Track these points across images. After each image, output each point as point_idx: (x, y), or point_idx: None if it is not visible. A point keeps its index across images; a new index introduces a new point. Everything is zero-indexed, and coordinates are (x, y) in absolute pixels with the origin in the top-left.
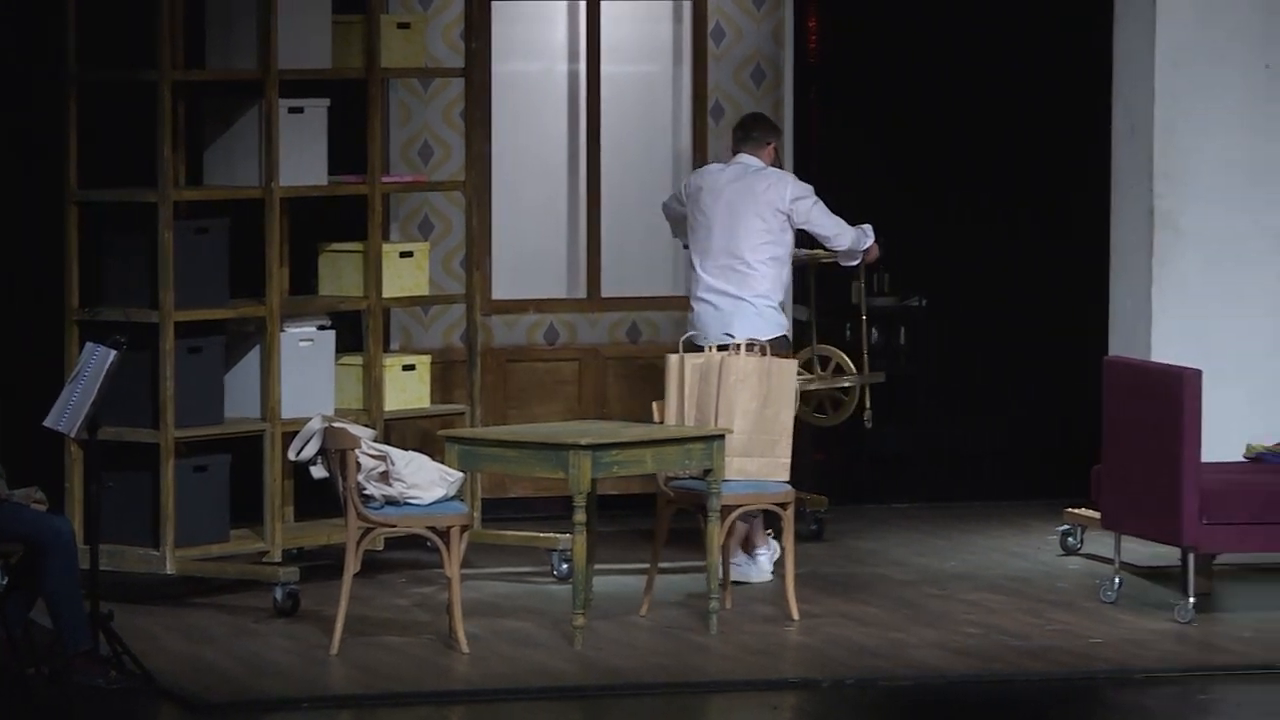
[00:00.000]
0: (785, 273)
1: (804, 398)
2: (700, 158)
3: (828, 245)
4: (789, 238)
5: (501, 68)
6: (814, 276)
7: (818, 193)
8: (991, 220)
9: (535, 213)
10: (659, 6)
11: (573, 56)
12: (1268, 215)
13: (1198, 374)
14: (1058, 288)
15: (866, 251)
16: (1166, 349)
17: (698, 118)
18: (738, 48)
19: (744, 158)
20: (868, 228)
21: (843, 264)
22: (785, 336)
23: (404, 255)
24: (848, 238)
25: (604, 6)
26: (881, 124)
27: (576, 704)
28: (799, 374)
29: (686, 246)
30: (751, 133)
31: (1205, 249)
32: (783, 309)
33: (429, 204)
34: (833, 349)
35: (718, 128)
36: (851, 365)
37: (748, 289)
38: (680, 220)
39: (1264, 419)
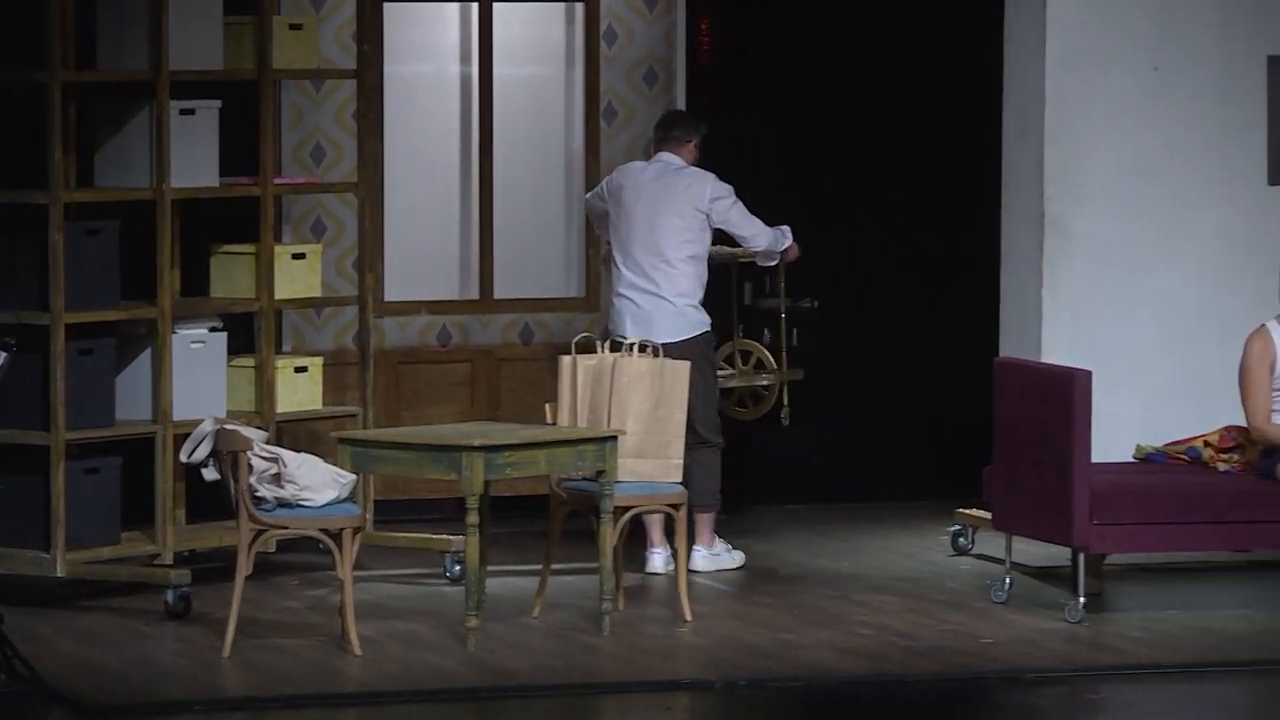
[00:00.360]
0: (704, 270)
1: (724, 393)
2: (593, 159)
3: (745, 245)
4: (708, 237)
5: (394, 69)
6: (735, 274)
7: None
8: (884, 222)
9: (428, 214)
10: (551, 8)
11: (465, 58)
12: (1156, 218)
13: (1088, 375)
14: (950, 289)
15: (785, 252)
16: (1057, 350)
17: (590, 119)
18: (630, 50)
19: (665, 156)
20: (786, 229)
21: (760, 264)
22: (708, 333)
23: (296, 257)
24: (765, 238)
25: (496, 8)
26: (773, 126)
27: (469, 706)
28: (720, 369)
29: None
30: (672, 131)
31: (1095, 251)
32: (703, 307)
33: (321, 206)
34: (754, 344)
35: (610, 129)
36: (772, 361)
37: (668, 287)
38: (602, 217)
39: (1153, 419)
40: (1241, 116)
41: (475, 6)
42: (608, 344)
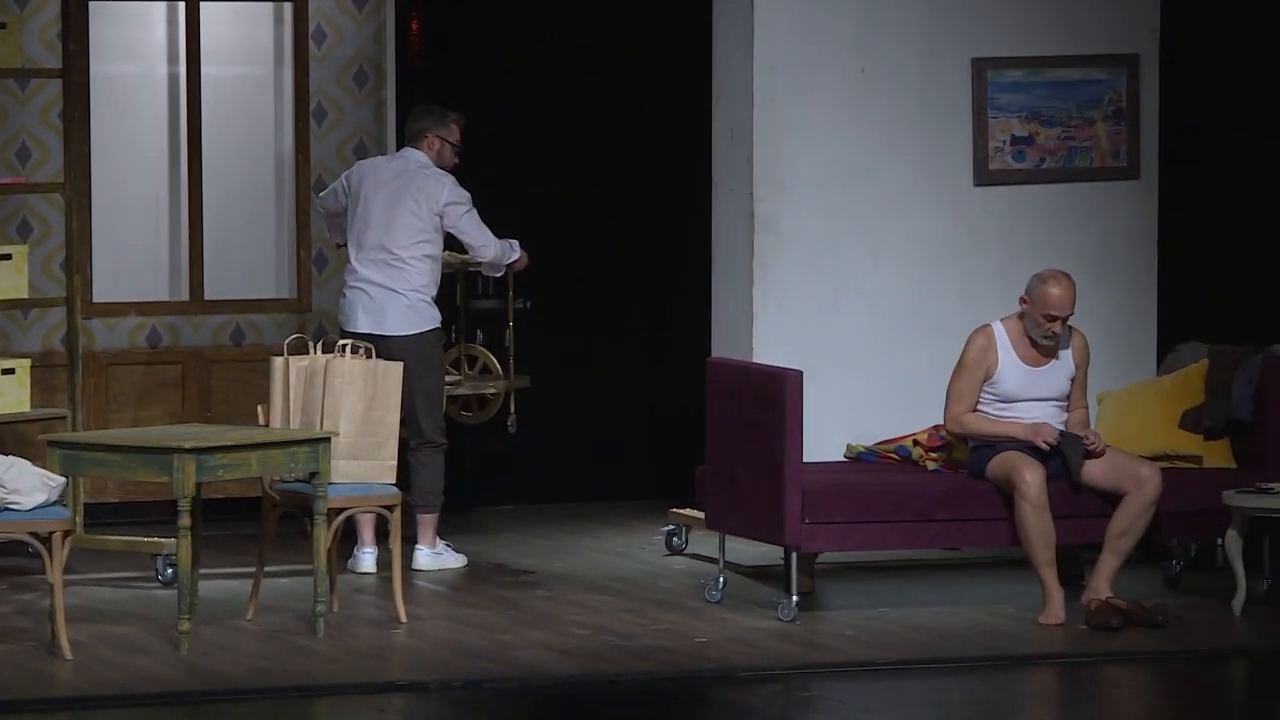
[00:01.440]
0: (438, 268)
1: (450, 399)
2: (303, 160)
3: (473, 254)
4: (442, 237)
5: (100, 69)
6: (462, 279)
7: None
8: (598, 222)
9: (137, 215)
10: (259, 8)
11: (172, 58)
12: (863, 218)
13: (799, 374)
14: (663, 289)
15: (513, 264)
16: (768, 350)
17: (300, 120)
18: (339, 50)
19: (408, 152)
20: (514, 242)
21: (486, 273)
22: (439, 330)
23: (2, 258)
24: (492, 250)
25: (203, 8)
26: (485, 126)
27: (182, 709)
28: (447, 373)
29: (340, 245)
30: (411, 126)
31: (805, 252)
32: (435, 303)
33: (27, 206)
34: (481, 350)
35: (320, 130)
36: (499, 367)
37: (401, 281)
38: (337, 214)
39: (863, 419)
40: (946, 119)
41: (182, 6)
42: (320, 344)
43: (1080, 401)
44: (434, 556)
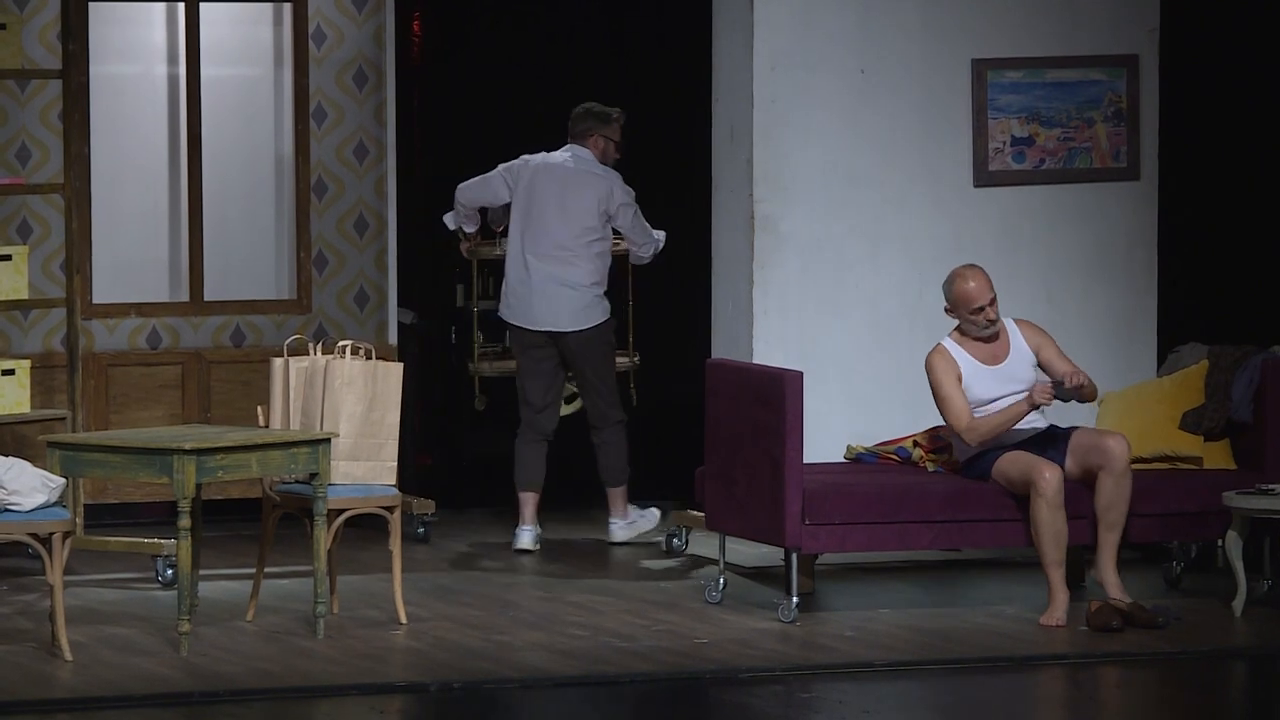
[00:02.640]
0: (608, 262)
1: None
2: (303, 161)
3: (635, 250)
4: (610, 232)
5: (100, 69)
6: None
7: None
8: None
9: (136, 216)
10: (259, 9)
11: (172, 59)
12: (864, 219)
13: (799, 376)
14: (663, 290)
15: (658, 252)
16: (768, 352)
17: (300, 120)
18: (339, 50)
19: (576, 149)
20: (662, 235)
21: (634, 262)
22: (610, 319)
23: (2, 259)
24: (650, 249)
25: (203, 8)
26: (485, 126)
27: (182, 711)
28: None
29: (466, 234)
30: (577, 126)
31: (804, 252)
32: (606, 297)
33: (27, 207)
34: None
35: (320, 130)
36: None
37: (576, 277)
38: (483, 206)
39: (863, 420)
40: (946, 119)
41: (182, 6)
42: (320, 345)
43: (1070, 366)
44: (628, 526)
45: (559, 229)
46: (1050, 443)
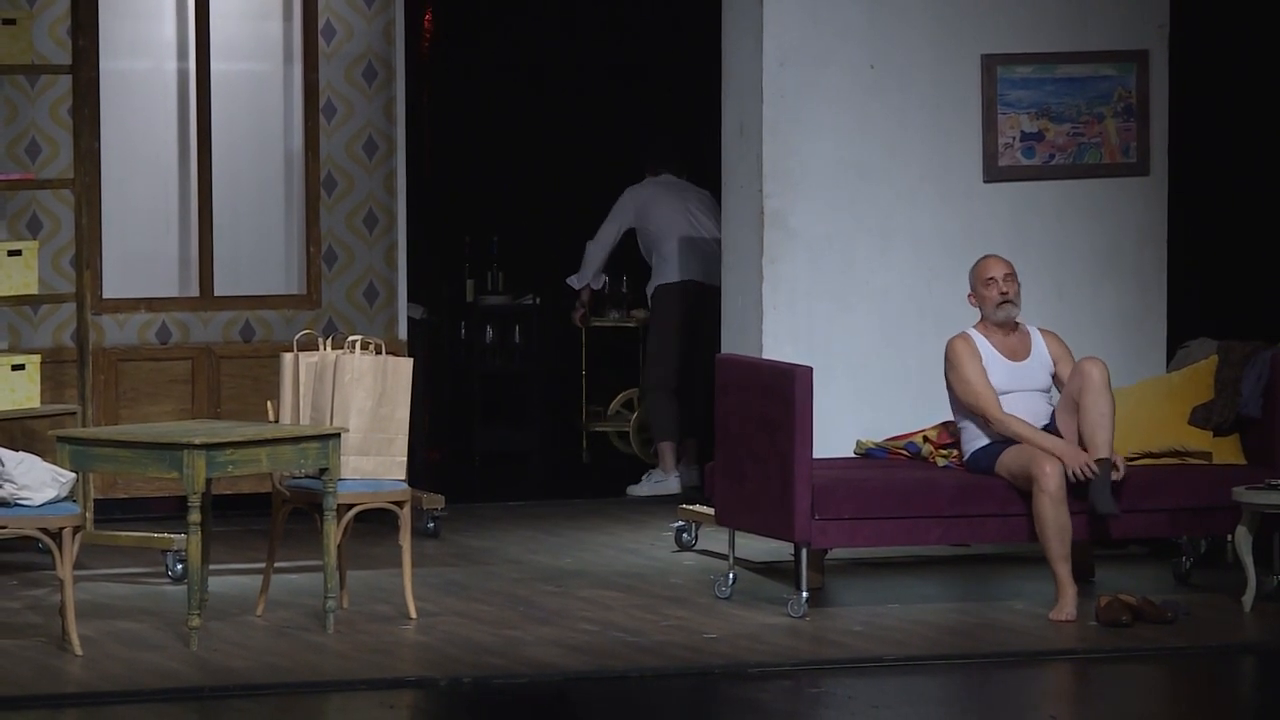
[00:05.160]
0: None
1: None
2: (313, 156)
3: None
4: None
5: (110, 64)
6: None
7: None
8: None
9: (146, 211)
10: (269, 4)
11: (182, 54)
12: (874, 214)
13: (808, 371)
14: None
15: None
16: (778, 347)
17: (309, 116)
18: (349, 45)
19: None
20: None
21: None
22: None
23: (12, 254)
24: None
25: (213, 3)
26: (493, 120)
27: (192, 705)
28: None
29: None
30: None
31: (814, 247)
32: None
33: (37, 202)
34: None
35: (329, 126)
36: None
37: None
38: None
39: (872, 415)
40: (956, 114)
41: (192, 1)
42: (330, 340)
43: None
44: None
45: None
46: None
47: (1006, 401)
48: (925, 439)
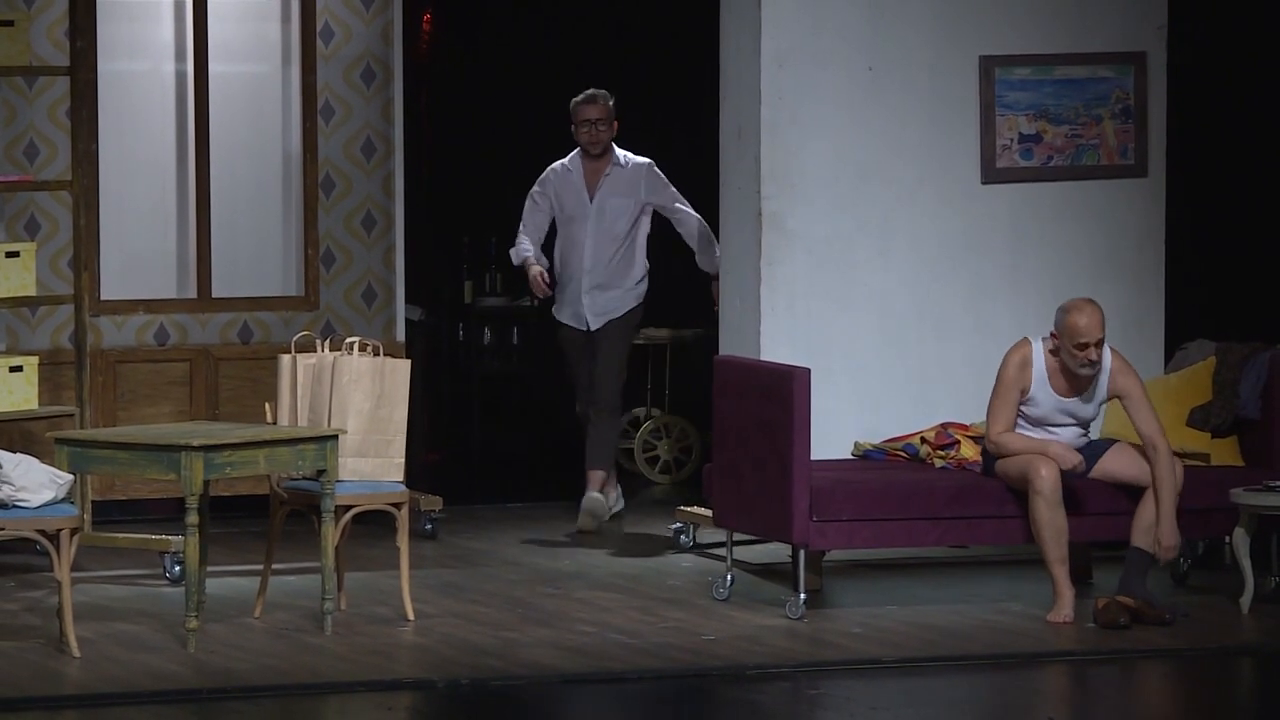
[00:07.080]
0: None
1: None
2: (311, 158)
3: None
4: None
5: (108, 66)
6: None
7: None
8: None
9: (144, 213)
10: (267, 5)
11: (180, 56)
12: (871, 216)
13: (807, 373)
14: (672, 287)
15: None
16: (776, 348)
17: (307, 118)
18: (347, 47)
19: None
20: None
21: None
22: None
23: (10, 255)
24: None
25: (210, 5)
26: (491, 121)
27: (190, 707)
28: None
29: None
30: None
31: (812, 249)
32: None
33: (35, 203)
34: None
35: (328, 127)
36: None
37: None
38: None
39: (871, 417)
40: (954, 115)
41: (189, 3)
42: (328, 342)
43: (1145, 425)
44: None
45: None
46: (1087, 449)
47: (1038, 431)
48: (923, 440)
